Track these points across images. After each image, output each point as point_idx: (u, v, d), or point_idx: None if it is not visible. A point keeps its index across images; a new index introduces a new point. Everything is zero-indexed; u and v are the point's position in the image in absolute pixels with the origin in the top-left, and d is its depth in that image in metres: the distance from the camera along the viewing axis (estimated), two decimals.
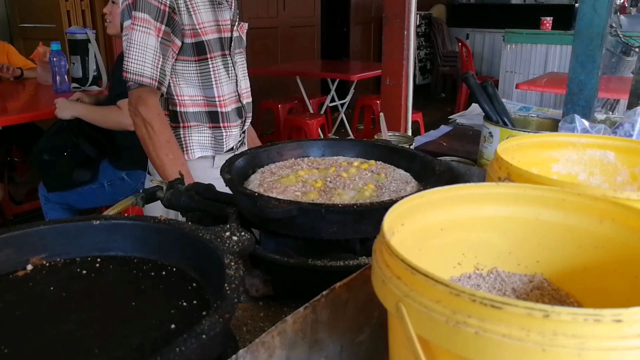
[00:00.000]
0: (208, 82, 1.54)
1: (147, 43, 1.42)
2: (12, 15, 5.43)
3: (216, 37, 1.54)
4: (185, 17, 1.46)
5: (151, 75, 1.44)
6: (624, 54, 3.91)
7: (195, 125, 1.59)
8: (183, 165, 1.53)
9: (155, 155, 1.51)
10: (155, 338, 0.53)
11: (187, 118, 1.57)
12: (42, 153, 2.54)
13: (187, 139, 1.59)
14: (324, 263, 0.80)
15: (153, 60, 1.43)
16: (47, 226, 0.68)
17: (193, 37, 1.49)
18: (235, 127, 1.65)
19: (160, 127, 1.50)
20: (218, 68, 1.55)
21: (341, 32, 8.01)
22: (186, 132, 1.59)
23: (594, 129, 1.21)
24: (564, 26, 6.24)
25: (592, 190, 0.63)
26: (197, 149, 1.61)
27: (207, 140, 1.61)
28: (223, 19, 1.58)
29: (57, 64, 3.30)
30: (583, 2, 1.37)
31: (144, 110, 1.48)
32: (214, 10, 1.55)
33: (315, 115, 4.88)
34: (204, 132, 1.60)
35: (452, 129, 2.10)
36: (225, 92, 1.58)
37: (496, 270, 0.65)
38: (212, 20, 1.53)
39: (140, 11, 1.41)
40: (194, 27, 1.48)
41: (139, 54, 1.42)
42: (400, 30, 2.15)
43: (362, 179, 1.00)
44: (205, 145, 1.62)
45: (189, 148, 1.60)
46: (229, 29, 1.60)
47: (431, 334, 0.42)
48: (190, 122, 1.58)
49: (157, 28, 1.42)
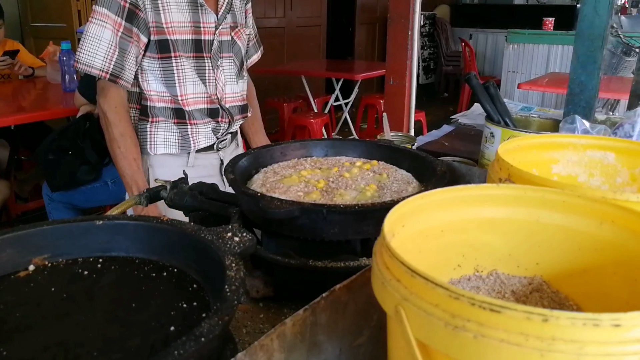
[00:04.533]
0: (171, 79, 1.54)
1: (102, 36, 1.44)
2: (24, 15, 5.47)
3: (189, 38, 1.53)
4: (151, 14, 1.46)
5: (101, 67, 1.45)
6: (625, 55, 3.90)
7: (162, 121, 1.60)
8: (134, 161, 1.55)
9: (109, 147, 1.56)
10: (154, 340, 0.53)
11: (154, 113, 1.59)
12: (47, 153, 2.54)
13: (152, 134, 1.61)
14: (325, 264, 0.80)
15: (106, 53, 1.45)
16: (49, 226, 0.69)
17: (156, 35, 1.49)
18: (203, 125, 1.63)
19: (114, 119, 1.52)
20: (182, 68, 1.54)
21: (346, 32, 8.01)
22: (153, 127, 1.60)
23: (594, 130, 1.21)
24: (566, 26, 6.23)
25: (592, 192, 0.63)
26: (160, 145, 1.62)
27: (172, 137, 1.62)
28: (206, 21, 1.56)
29: (66, 63, 3.32)
30: (584, 3, 1.37)
31: (102, 101, 1.53)
32: (193, 12, 1.53)
33: (319, 115, 4.88)
34: (170, 128, 1.61)
35: (454, 129, 2.10)
36: (189, 91, 1.57)
37: (496, 272, 0.65)
38: (186, 22, 1.52)
39: (100, 5, 1.44)
40: (159, 25, 1.48)
41: (92, 45, 1.44)
42: (405, 30, 2.15)
43: (364, 179, 1.00)
44: (170, 142, 1.62)
45: (152, 143, 1.61)
46: (211, 32, 1.58)
47: (430, 337, 0.42)
48: (157, 117, 1.59)
49: (117, 23, 1.44)
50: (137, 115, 1.61)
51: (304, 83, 5.31)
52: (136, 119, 1.62)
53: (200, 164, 1.68)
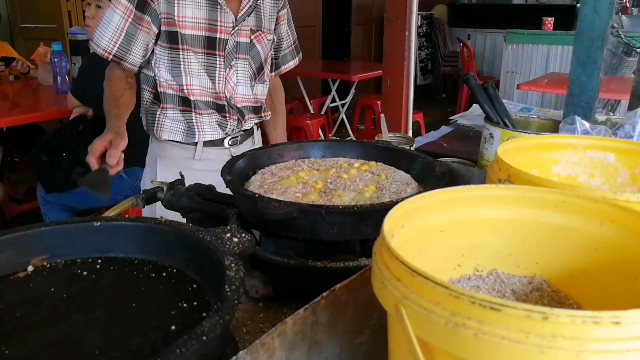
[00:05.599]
0: (177, 69, 1.61)
1: (112, 19, 1.52)
2: (13, 16, 5.42)
3: (201, 34, 1.58)
4: (163, 6, 1.53)
5: (106, 47, 1.54)
6: (626, 55, 3.90)
7: (170, 108, 1.66)
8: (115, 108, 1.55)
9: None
10: (155, 339, 0.53)
11: (164, 99, 1.65)
12: (41, 154, 2.53)
13: (160, 120, 1.67)
14: (324, 264, 0.80)
15: (113, 35, 1.53)
16: (47, 227, 0.69)
17: (167, 26, 1.56)
18: (207, 116, 1.67)
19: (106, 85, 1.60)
20: (189, 61, 1.60)
21: (342, 32, 8.00)
22: (162, 113, 1.67)
23: (594, 130, 1.21)
24: (565, 26, 6.22)
25: (591, 192, 0.63)
26: (166, 130, 1.68)
27: (178, 125, 1.67)
28: (223, 20, 1.59)
29: (58, 64, 3.30)
30: (584, 3, 1.37)
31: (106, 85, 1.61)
32: (211, 10, 1.57)
33: (316, 116, 4.88)
34: (176, 116, 1.67)
35: (452, 130, 2.10)
36: (194, 83, 1.63)
37: (496, 272, 0.65)
38: (200, 18, 1.57)
39: None
40: (170, 17, 1.54)
41: (102, 27, 1.54)
42: (402, 30, 2.15)
43: (363, 180, 1.00)
44: (176, 130, 1.68)
45: (159, 128, 1.68)
46: (228, 31, 1.61)
47: (430, 335, 0.42)
48: (167, 103, 1.65)
49: (127, 9, 1.52)
50: (151, 99, 1.68)
51: (299, 84, 5.31)
52: (149, 102, 1.69)
53: (209, 158, 1.71)
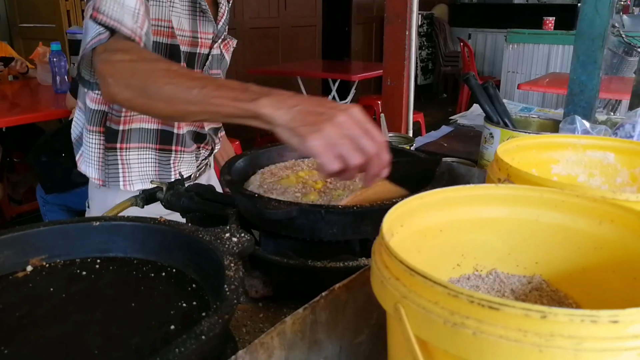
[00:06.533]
0: None
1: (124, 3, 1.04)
2: (12, 15, 5.41)
3: (185, 50, 1.26)
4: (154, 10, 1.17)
5: (133, 28, 1.02)
6: (626, 54, 3.90)
7: (136, 148, 1.29)
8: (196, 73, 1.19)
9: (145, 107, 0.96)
10: (154, 339, 0.54)
11: (129, 137, 1.28)
12: (40, 155, 2.53)
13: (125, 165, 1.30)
14: (324, 264, 0.80)
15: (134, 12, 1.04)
16: (47, 227, 0.69)
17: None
18: (189, 153, 1.37)
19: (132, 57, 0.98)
20: None
21: (342, 32, 8.00)
22: (124, 155, 1.29)
23: (594, 130, 1.21)
24: (566, 26, 6.21)
25: (591, 192, 0.63)
26: (135, 178, 1.32)
27: (148, 167, 1.32)
28: (204, 31, 1.30)
29: (57, 64, 3.30)
30: (585, 2, 1.37)
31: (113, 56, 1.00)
32: (192, 19, 1.26)
33: None
34: (146, 156, 1.31)
35: (453, 130, 2.10)
36: None
37: (495, 272, 0.65)
38: (185, 29, 1.25)
39: None
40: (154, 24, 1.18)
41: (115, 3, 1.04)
42: (402, 30, 2.15)
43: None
44: (146, 173, 1.32)
45: (126, 177, 1.31)
46: (208, 45, 1.32)
47: (429, 334, 0.42)
48: (130, 142, 1.28)
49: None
50: (102, 141, 1.29)
51: (299, 84, 5.31)
52: (100, 146, 1.30)
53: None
